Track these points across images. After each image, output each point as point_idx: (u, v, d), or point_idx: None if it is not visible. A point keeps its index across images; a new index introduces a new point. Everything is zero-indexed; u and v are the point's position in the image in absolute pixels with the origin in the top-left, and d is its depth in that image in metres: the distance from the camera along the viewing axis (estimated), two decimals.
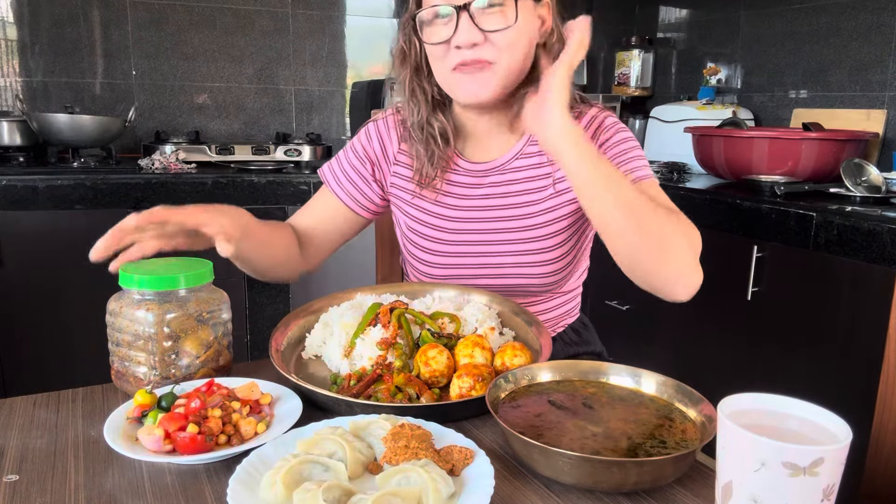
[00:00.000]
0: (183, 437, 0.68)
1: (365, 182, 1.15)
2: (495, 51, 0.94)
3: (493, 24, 0.93)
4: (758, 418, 0.55)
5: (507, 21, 0.93)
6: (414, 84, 1.06)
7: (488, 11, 0.93)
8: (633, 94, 2.98)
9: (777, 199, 1.77)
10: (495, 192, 1.09)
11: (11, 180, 1.97)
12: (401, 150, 1.14)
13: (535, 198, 1.08)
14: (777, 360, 1.76)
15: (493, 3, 0.92)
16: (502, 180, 1.09)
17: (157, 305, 0.82)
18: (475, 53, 0.94)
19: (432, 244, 1.12)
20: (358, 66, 2.92)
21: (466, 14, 0.92)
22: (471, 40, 0.93)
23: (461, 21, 0.92)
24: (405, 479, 0.62)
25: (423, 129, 1.07)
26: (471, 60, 0.95)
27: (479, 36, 0.93)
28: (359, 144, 1.16)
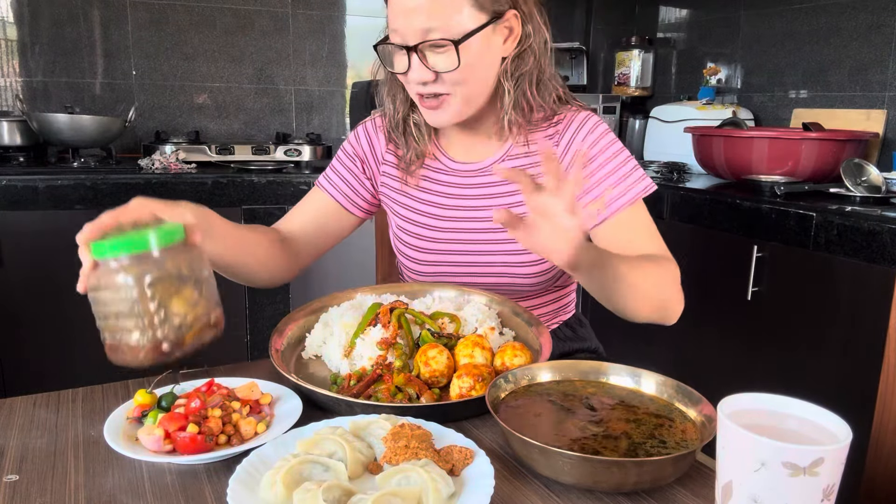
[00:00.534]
0: (183, 436, 0.68)
1: (356, 179, 1.16)
2: (447, 86, 0.97)
3: (439, 64, 0.95)
4: (758, 418, 0.55)
5: (451, 64, 0.94)
6: (393, 84, 1.08)
7: (437, 50, 0.94)
8: (633, 94, 2.98)
9: (777, 199, 1.77)
10: (482, 192, 1.10)
11: (11, 180, 1.97)
12: (388, 150, 1.16)
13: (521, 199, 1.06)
14: (777, 360, 1.76)
15: (440, 45, 0.93)
16: (489, 181, 1.10)
17: (135, 267, 0.79)
18: (429, 89, 0.97)
19: (421, 242, 1.13)
20: (358, 66, 2.92)
21: (416, 54, 0.94)
22: (422, 78, 0.96)
23: (412, 60, 0.95)
24: (405, 479, 0.62)
25: (399, 126, 1.10)
26: (427, 93, 0.98)
27: (429, 75, 0.95)
28: (348, 145, 1.19)
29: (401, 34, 0.95)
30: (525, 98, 1.02)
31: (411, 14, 0.92)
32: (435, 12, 0.92)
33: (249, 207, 2.21)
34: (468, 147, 1.11)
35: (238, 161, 2.40)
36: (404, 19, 0.93)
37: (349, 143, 1.18)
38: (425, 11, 0.92)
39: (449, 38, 0.92)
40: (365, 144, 1.17)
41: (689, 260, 2.02)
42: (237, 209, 2.20)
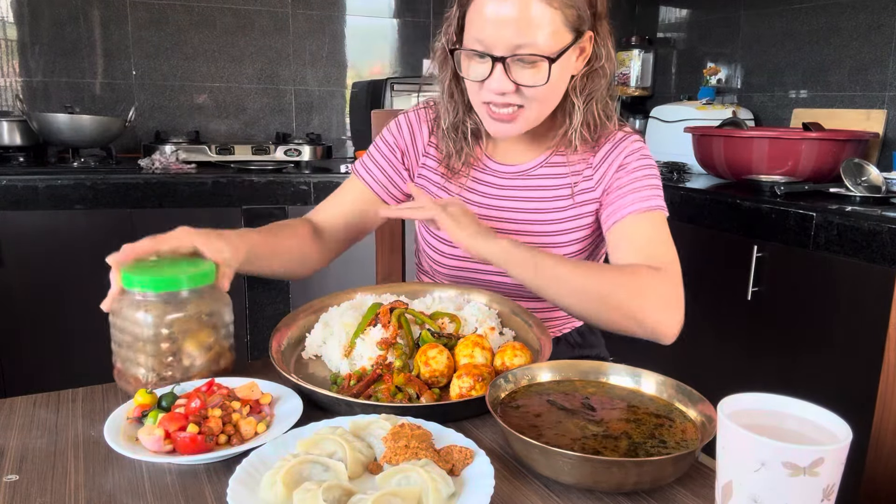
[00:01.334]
0: (183, 437, 0.68)
1: (394, 170, 1.17)
2: (525, 99, 0.98)
3: (525, 78, 0.95)
4: (758, 418, 0.55)
5: (539, 79, 0.95)
6: (453, 87, 1.08)
7: (525, 65, 0.95)
8: (633, 94, 2.98)
9: (777, 199, 1.77)
10: (519, 195, 1.11)
11: (11, 180, 1.97)
12: (430, 143, 1.16)
13: (556, 205, 1.10)
14: (777, 360, 1.76)
15: (528, 61, 0.94)
16: (526, 185, 1.11)
17: (158, 307, 0.82)
18: (505, 99, 0.97)
19: (446, 245, 1.14)
20: (358, 66, 2.92)
21: (501, 65, 0.94)
22: (502, 89, 0.96)
23: (495, 70, 0.95)
24: (405, 479, 0.62)
25: (457, 129, 1.10)
26: (501, 104, 0.98)
27: (510, 86, 0.96)
28: (389, 135, 1.18)
29: (487, 44, 0.94)
30: (593, 116, 1.05)
31: (503, 26, 0.92)
32: (529, 28, 0.92)
33: (249, 207, 2.22)
34: (511, 150, 1.13)
35: (238, 161, 2.40)
36: (494, 30, 0.92)
37: (390, 133, 1.18)
38: (519, 25, 0.92)
39: (543, 54, 0.93)
40: (407, 136, 1.17)
41: (689, 260, 2.02)
42: (237, 209, 2.20)
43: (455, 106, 1.09)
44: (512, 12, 0.91)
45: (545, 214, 1.10)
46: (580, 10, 0.95)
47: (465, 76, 1.00)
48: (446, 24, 1.04)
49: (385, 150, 1.17)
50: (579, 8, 0.95)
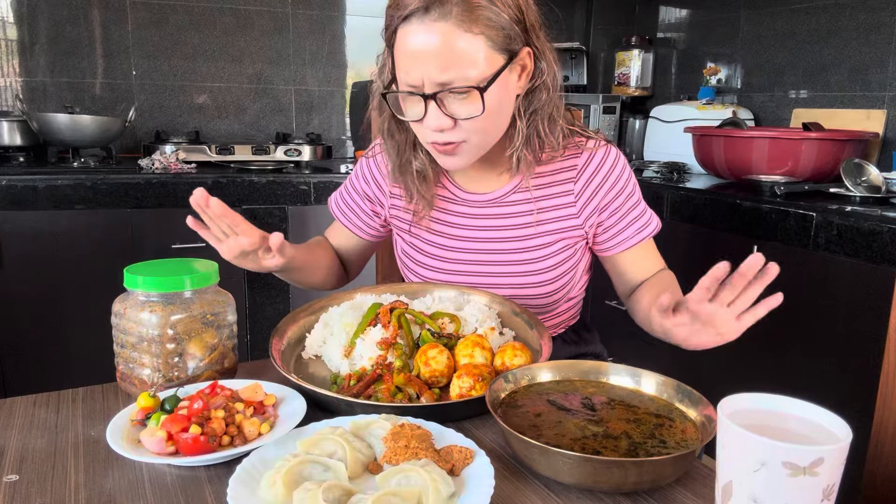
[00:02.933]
0: (185, 438, 0.67)
1: (368, 216, 1.19)
2: (465, 132, 0.93)
3: (461, 111, 0.91)
4: (758, 418, 0.55)
5: (474, 110, 0.91)
6: (393, 127, 1.04)
7: (458, 98, 0.90)
8: (633, 94, 2.98)
9: (777, 199, 1.77)
10: (493, 224, 1.09)
11: (11, 180, 1.97)
12: (393, 186, 1.14)
13: (531, 231, 1.08)
14: (777, 360, 1.76)
15: (460, 93, 0.89)
16: (500, 213, 1.09)
17: (162, 307, 0.82)
18: (445, 136, 0.93)
19: (428, 272, 1.13)
20: (358, 66, 2.92)
21: (434, 102, 0.90)
22: (440, 126, 0.92)
23: (429, 108, 0.91)
24: (405, 479, 0.62)
25: (404, 171, 1.06)
26: (442, 142, 0.94)
27: (447, 122, 0.92)
28: (357, 182, 1.19)
29: (414, 82, 0.90)
30: (537, 134, 1.01)
31: (427, 62, 0.87)
32: (452, 59, 0.87)
33: (249, 207, 2.22)
34: (478, 178, 1.10)
35: (238, 161, 2.40)
36: (419, 68, 0.88)
37: (358, 182, 1.18)
38: (442, 58, 0.87)
39: (472, 85, 0.89)
40: (373, 184, 1.17)
41: (690, 260, 2.02)
42: (237, 209, 2.19)
43: (396, 147, 1.05)
44: (432, 47, 0.87)
45: (523, 241, 1.08)
46: (506, 29, 0.90)
47: (404, 118, 0.96)
48: (380, 65, 1.01)
49: (358, 200, 1.19)
50: (505, 27, 0.89)
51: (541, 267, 1.08)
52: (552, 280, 1.09)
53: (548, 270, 1.09)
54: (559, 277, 1.10)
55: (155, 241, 2.11)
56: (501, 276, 1.09)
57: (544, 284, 1.09)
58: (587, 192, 1.06)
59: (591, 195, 1.06)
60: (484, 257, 1.09)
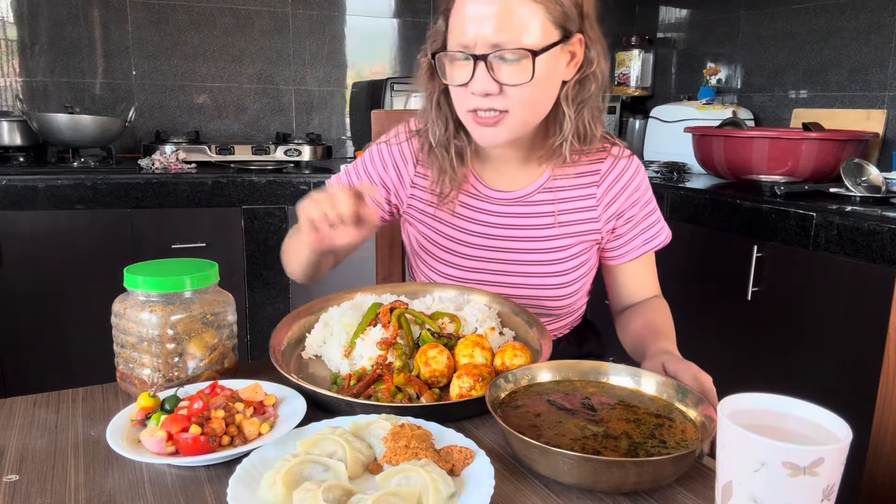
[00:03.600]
0: (185, 438, 0.67)
1: (377, 204, 1.13)
2: (510, 102, 0.94)
3: (509, 77, 0.92)
4: (758, 418, 0.55)
5: (523, 77, 0.91)
6: (441, 100, 1.04)
7: (508, 62, 0.91)
8: (633, 94, 2.98)
9: (777, 199, 1.77)
10: (516, 222, 1.09)
11: (11, 180, 1.97)
12: (417, 173, 1.12)
13: (553, 232, 1.08)
14: (777, 360, 1.76)
15: (511, 58, 0.90)
16: (523, 212, 1.08)
17: (162, 307, 0.82)
18: (489, 102, 0.93)
19: (446, 267, 1.12)
20: (358, 66, 2.92)
21: (483, 64, 0.91)
22: (485, 90, 0.92)
23: (477, 70, 0.91)
24: (405, 479, 0.62)
25: (447, 146, 1.05)
26: (485, 108, 0.94)
27: (494, 87, 0.92)
28: (373, 169, 1.14)
29: (467, 43, 0.91)
30: (584, 125, 1.01)
31: (483, 22, 0.89)
32: (509, 22, 0.88)
33: (249, 207, 2.22)
34: (504, 174, 1.09)
35: (238, 161, 2.40)
36: (474, 27, 0.89)
37: (373, 166, 1.14)
38: (499, 20, 0.88)
39: (525, 47, 0.89)
40: (392, 173, 1.13)
41: (689, 260, 2.02)
42: (237, 209, 2.20)
43: (444, 120, 1.04)
44: (492, 8, 0.88)
45: (544, 242, 1.08)
46: (566, 7, 0.92)
47: (450, 82, 0.97)
48: (431, 38, 1.01)
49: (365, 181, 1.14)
50: (564, 5, 0.92)
51: (559, 269, 1.08)
52: (569, 283, 1.09)
53: (566, 273, 1.08)
54: (576, 280, 1.10)
55: (155, 241, 2.11)
56: (518, 275, 1.09)
57: (561, 287, 1.09)
58: (608, 197, 1.07)
59: (611, 201, 1.07)
60: (501, 255, 1.09)
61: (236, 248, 2.24)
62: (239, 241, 2.24)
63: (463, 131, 1.05)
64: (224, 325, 0.87)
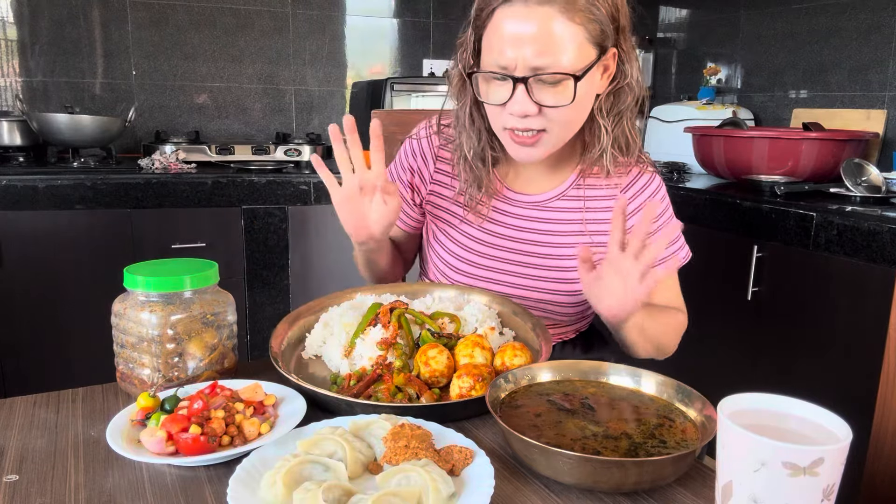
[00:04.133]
0: (185, 438, 0.67)
1: (408, 206, 1.15)
2: (548, 122, 0.93)
3: (549, 99, 0.91)
4: (758, 418, 0.55)
5: (564, 99, 0.91)
6: (473, 112, 1.03)
7: (548, 85, 0.91)
8: None
9: (777, 199, 1.77)
10: (533, 227, 1.08)
11: (11, 180, 1.97)
12: (437, 170, 1.13)
13: (570, 240, 1.08)
14: (777, 360, 1.76)
15: (551, 81, 0.90)
16: (542, 216, 1.08)
17: (162, 307, 0.82)
18: (527, 123, 0.93)
19: (461, 263, 1.12)
20: (358, 66, 2.92)
21: (523, 86, 0.90)
22: (524, 111, 0.92)
23: (517, 91, 0.91)
24: (405, 479, 0.62)
25: (483, 158, 1.05)
26: (522, 128, 0.94)
27: (533, 108, 0.91)
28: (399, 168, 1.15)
29: (507, 64, 0.90)
30: (625, 135, 1.01)
31: (523, 45, 0.88)
32: (550, 45, 0.88)
33: (249, 207, 2.22)
34: (529, 179, 1.09)
35: (238, 161, 2.40)
36: (514, 49, 0.88)
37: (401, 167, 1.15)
38: (540, 43, 0.88)
39: (567, 72, 0.89)
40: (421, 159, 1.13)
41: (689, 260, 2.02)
42: (237, 209, 2.20)
43: (478, 133, 1.04)
44: (532, 30, 0.87)
45: (560, 248, 1.07)
46: (603, 24, 0.91)
47: (485, 100, 0.96)
48: (461, 49, 1.00)
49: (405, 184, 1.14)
50: (602, 23, 0.90)
51: (572, 276, 1.07)
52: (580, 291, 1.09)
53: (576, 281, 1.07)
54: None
55: (155, 241, 2.11)
56: (532, 278, 1.08)
57: (576, 294, 1.08)
58: (629, 208, 1.06)
59: (632, 212, 1.07)
60: (521, 258, 1.08)
61: (236, 248, 2.24)
62: (239, 241, 2.24)
63: (497, 142, 1.05)
64: (224, 325, 0.87)
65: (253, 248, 2.26)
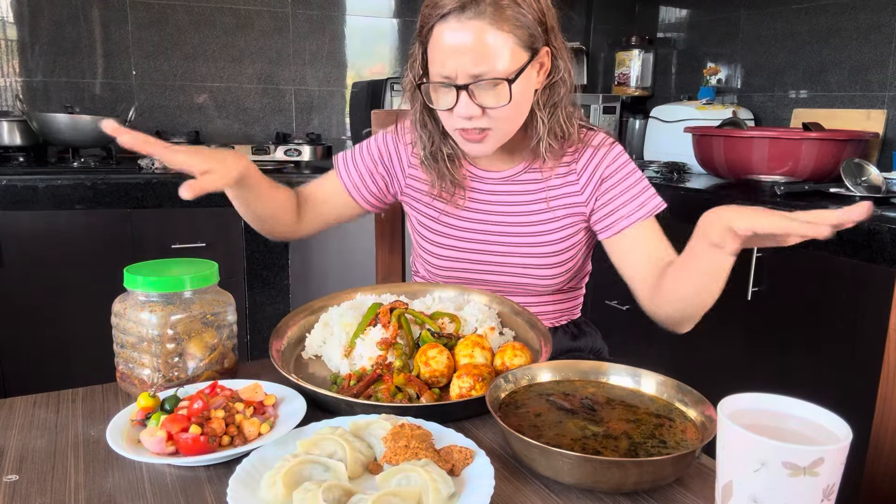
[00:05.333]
0: (185, 438, 0.67)
1: (371, 177, 1.20)
2: (492, 121, 1.01)
3: (489, 101, 0.99)
4: (758, 418, 0.55)
5: (502, 100, 0.99)
6: (425, 117, 1.12)
7: (487, 89, 0.98)
8: (633, 94, 2.98)
9: (777, 199, 1.77)
10: (506, 199, 1.14)
11: (11, 180, 1.97)
12: (412, 164, 1.19)
13: (542, 207, 1.13)
14: (777, 360, 1.76)
15: (490, 85, 0.97)
16: (512, 189, 1.14)
17: (162, 307, 0.82)
18: (473, 123, 1.01)
19: (443, 239, 1.17)
20: (358, 66, 2.92)
21: (465, 92, 0.98)
22: (469, 114, 1.00)
23: (461, 97, 0.99)
24: (405, 479, 0.62)
25: (435, 157, 1.13)
26: (470, 129, 1.02)
27: (476, 110, 0.99)
28: (375, 149, 1.21)
29: (448, 74, 0.98)
30: (559, 125, 1.08)
31: (461, 56, 0.96)
32: (485, 54, 0.96)
33: None
34: (493, 160, 1.16)
35: None
36: (454, 60, 0.97)
37: (377, 147, 1.21)
38: (476, 53, 0.96)
39: (502, 76, 0.97)
40: (394, 154, 1.20)
41: None
42: None
43: (429, 135, 1.12)
44: (467, 42, 0.95)
45: (528, 217, 1.13)
46: (531, 29, 0.99)
47: (436, 106, 1.04)
48: (411, 60, 1.10)
49: (368, 162, 1.20)
50: (530, 27, 0.99)
51: (549, 240, 1.12)
52: (559, 257, 1.12)
53: (555, 243, 1.12)
54: (565, 251, 1.12)
55: (155, 241, 2.11)
56: (511, 255, 1.13)
57: (552, 265, 1.12)
58: (588, 168, 1.11)
59: (591, 171, 1.11)
60: (496, 228, 1.14)
61: (236, 248, 2.24)
62: (239, 241, 2.24)
63: (450, 138, 1.12)
64: (224, 325, 0.87)
65: (253, 248, 2.26)
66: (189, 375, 0.84)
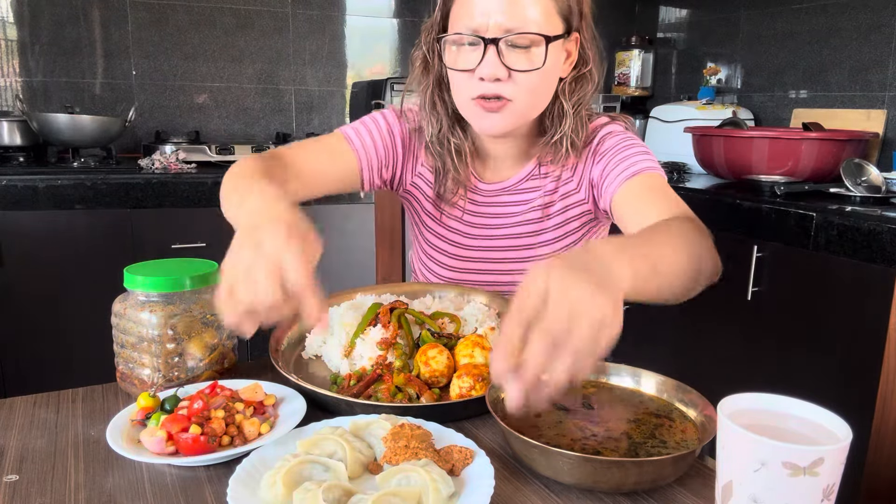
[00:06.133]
0: (185, 438, 0.67)
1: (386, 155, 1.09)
2: (516, 89, 0.94)
3: (519, 63, 0.92)
4: (758, 418, 0.55)
5: (533, 63, 0.92)
6: (435, 97, 1.04)
7: (517, 49, 0.92)
8: (633, 94, 2.98)
9: (777, 199, 1.77)
10: (505, 211, 1.11)
11: (11, 180, 1.97)
12: (423, 165, 1.13)
13: (541, 214, 1.09)
14: (777, 360, 1.76)
15: (522, 44, 0.91)
16: (510, 200, 1.10)
17: (162, 307, 0.82)
18: (496, 88, 0.93)
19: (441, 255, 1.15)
20: (358, 66, 2.92)
21: (494, 48, 0.91)
22: (494, 75, 0.92)
23: (487, 54, 0.91)
24: (405, 479, 0.62)
25: (442, 143, 1.06)
26: (491, 94, 0.94)
27: (503, 72, 0.92)
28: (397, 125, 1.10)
29: (477, 27, 0.91)
30: (581, 122, 1.02)
31: (495, 7, 0.89)
32: (520, 7, 0.89)
33: None
34: (500, 165, 1.10)
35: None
36: (485, 12, 0.90)
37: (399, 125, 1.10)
38: (510, 4, 0.89)
39: (539, 32, 0.90)
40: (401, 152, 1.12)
41: None
42: None
43: (438, 117, 1.04)
44: None
45: (528, 226, 1.10)
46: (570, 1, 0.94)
47: (454, 67, 0.96)
48: (426, 31, 1.02)
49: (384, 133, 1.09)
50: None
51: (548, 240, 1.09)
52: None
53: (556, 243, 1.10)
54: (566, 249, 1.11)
55: (155, 241, 2.11)
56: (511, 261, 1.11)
57: None
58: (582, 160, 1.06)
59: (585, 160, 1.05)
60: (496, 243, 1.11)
61: None
62: None
63: (460, 128, 1.05)
64: (223, 324, 0.87)
65: None
66: (189, 375, 0.84)
